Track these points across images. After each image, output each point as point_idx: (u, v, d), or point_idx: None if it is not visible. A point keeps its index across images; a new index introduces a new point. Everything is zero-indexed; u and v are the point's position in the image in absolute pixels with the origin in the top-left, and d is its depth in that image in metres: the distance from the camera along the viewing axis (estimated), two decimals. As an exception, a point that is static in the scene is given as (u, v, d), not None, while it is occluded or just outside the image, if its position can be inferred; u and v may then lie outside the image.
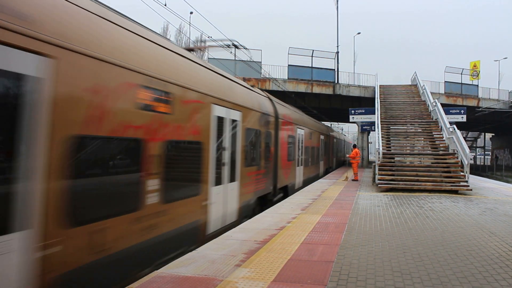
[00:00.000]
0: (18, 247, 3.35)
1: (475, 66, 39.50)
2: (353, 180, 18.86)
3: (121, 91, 4.65)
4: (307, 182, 18.26)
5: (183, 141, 6.39)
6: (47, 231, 3.59)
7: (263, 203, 11.31)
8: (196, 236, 6.78)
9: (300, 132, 16.73)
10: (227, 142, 8.24)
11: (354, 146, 21.81)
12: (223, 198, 8.03)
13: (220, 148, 7.85)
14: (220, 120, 7.85)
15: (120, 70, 4.62)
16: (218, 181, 7.75)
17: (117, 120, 4.57)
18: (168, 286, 4.36)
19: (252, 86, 12.46)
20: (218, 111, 7.74)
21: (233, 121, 8.55)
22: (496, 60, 50.97)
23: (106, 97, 4.41)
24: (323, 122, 36.74)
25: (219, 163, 7.77)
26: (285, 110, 14.70)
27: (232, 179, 8.56)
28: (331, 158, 30.56)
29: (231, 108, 8.40)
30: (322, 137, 24.36)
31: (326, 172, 26.54)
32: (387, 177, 15.42)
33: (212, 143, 7.38)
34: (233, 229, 7.48)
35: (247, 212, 9.62)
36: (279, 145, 12.96)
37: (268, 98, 12.74)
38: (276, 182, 12.64)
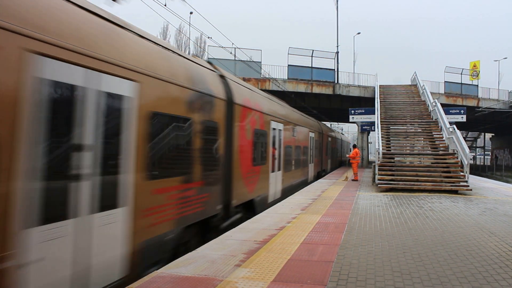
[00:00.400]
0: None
1: (475, 66, 39.52)
2: (353, 180, 18.87)
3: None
4: (289, 191, 14.84)
5: None
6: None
7: (204, 230, 7.73)
8: None
9: (276, 126, 13.15)
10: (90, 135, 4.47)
11: (354, 146, 21.83)
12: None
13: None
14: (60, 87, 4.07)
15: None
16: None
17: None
18: (168, 286, 4.36)
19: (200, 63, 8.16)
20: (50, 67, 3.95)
21: (110, 95, 4.80)
22: (496, 60, 51.01)
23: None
24: (323, 122, 36.66)
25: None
26: (250, 94, 10.71)
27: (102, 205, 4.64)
28: (324, 159, 26.91)
29: (94, 70, 4.52)
30: (312, 134, 20.89)
31: (318, 176, 23.35)
32: (387, 177, 15.42)
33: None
34: (233, 229, 7.48)
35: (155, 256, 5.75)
36: (236, 143, 9.14)
37: (216, 73, 8.79)
38: (229, 198, 8.80)
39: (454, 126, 17.82)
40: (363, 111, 28.56)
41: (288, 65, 32.89)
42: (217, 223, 8.12)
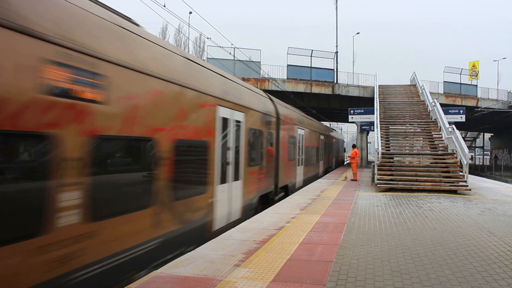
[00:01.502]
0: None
1: (474, 66, 39.57)
2: (352, 180, 18.86)
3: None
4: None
5: None
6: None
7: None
8: None
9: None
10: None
11: (354, 146, 21.82)
12: None
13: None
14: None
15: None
16: None
17: None
18: (167, 286, 4.35)
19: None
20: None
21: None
22: (495, 60, 51.16)
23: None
24: (322, 122, 36.64)
25: None
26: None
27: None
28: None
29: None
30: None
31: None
32: (386, 177, 15.42)
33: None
34: (232, 229, 7.48)
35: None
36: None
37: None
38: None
39: (453, 126, 17.84)
40: (363, 111, 28.56)
41: (288, 65, 32.89)
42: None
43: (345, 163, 44.71)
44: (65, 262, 3.90)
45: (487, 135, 63.52)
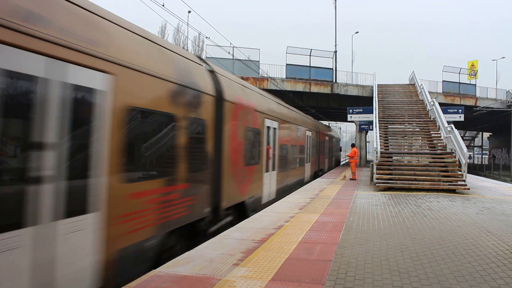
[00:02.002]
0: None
1: (473, 65, 39.58)
2: (351, 179, 18.87)
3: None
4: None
5: None
6: None
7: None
8: None
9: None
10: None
11: (353, 145, 21.83)
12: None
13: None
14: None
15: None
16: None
17: None
18: (166, 285, 4.35)
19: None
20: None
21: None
22: (493, 60, 51.21)
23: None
24: (322, 122, 36.54)
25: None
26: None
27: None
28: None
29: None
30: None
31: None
32: (385, 176, 15.43)
33: None
34: (231, 228, 7.48)
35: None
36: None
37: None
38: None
39: (452, 125, 17.86)
40: (361, 110, 28.58)
41: (286, 64, 32.88)
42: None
43: (341, 163, 43.41)
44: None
45: (486, 135, 63.60)
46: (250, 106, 10.34)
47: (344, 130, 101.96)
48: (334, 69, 34.04)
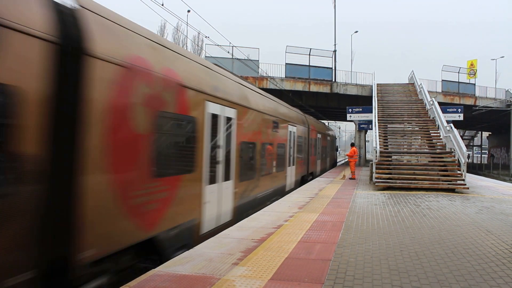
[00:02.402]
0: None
1: (472, 65, 39.58)
2: (350, 178, 18.89)
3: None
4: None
5: None
6: None
7: None
8: None
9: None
10: None
11: (352, 144, 21.84)
12: None
13: None
14: None
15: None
16: None
17: None
18: (165, 284, 4.35)
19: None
20: None
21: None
22: (493, 59, 51.23)
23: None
24: (321, 121, 36.41)
25: None
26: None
27: None
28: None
29: None
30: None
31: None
32: (384, 176, 15.44)
33: None
34: (230, 228, 7.47)
35: None
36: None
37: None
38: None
39: (451, 124, 17.89)
40: (361, 109, 28.59)
41: (286, 63, 32.87)
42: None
43: (339, 163, 42.48)
44: None
45: (485, 134, 63.67)
46: (171, 78, 6.39)
47: (344, 130, 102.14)
48: (333, 68, 34.05)
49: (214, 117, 8.08)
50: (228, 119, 8.89)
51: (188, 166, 7.04)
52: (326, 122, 53.52)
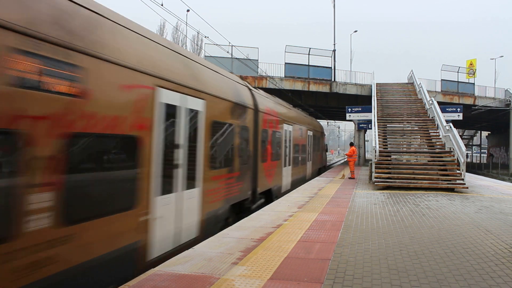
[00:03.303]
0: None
1: (471, 64, 39.60)
2: (349, 178, 18.89)
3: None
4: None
5: None
6: None
7: None
8: None
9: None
10: None
11: (351, 144, 21.84)
12: None
13: None
14: None
15: None
16: None
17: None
18: (165, 284, 4.35)
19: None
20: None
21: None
22: (492, 59, 51.20)
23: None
24: (317, 119, 36.26)
25: None
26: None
27: None
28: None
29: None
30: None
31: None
32: (383, 175, 15.45)
33: None
34: (230, 227, 7.47)
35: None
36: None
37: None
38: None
39: (451, 124, 17.91)
40: (360, 109, 28.58)
41: (285, 63, 32.85)
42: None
43: (334, 164, 41.51)
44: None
45: (485, 133, 63.70)
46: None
47: (343, 129, 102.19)
48: (333, 68, 34.03)
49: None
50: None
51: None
52: (325, 121, 53.36)
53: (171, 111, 6.26)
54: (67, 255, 4.14)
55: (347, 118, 29.66)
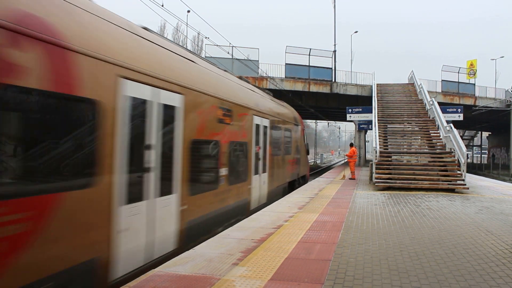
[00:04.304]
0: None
1: (472, 65, 39.58)
2: (350, 178, 18.89)
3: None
4: None
5: None
6: None
7: None
8: None
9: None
10: None
11: (351, 144, 21.84)
12: None
13: None
14: None
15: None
16: None
17: None
18: (165, 284, 4.35)
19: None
20: None
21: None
22: (492, 59, 51.18)
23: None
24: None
25: None
26: None
27: None
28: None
29: None
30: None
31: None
32: (384, 176, 15.44)
33: None
34: (230, 228, 7.47)
35: None
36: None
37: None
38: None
39: (451, 124, 17.89)
40: (361, 109, 28.54)
41: (286, 63, 32.83)
42: None
43: (332, 167, 40.59)
44: None
45: (485, 134, 63.68)
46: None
47: (344, 130, 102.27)
48: (333, 68, 34.00)
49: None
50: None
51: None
52: (326, 122, 53.23)
53: None
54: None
55: (348, 118, 29.64)
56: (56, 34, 4.10)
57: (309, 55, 33.37)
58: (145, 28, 6.64)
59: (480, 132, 63.36)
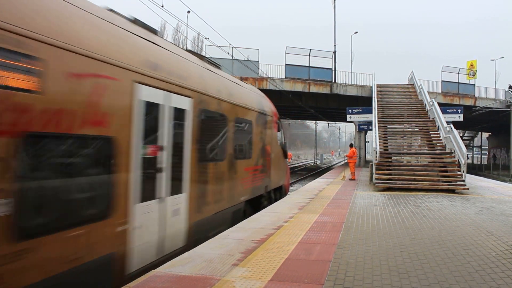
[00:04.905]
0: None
1: (472, 65, 39.58)
2: (350, 179, 18.88)
3: None
4: None
5: None
6: None
7: None
8: None
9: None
10: None
11: (351, 145, 21.84)
12: None
13: None
14: None
15: None
16: None
17: None
18: (165, 285, 4.34)
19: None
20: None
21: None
22: (492, 60, 51.18)
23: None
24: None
25: None
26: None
27: None
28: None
29: None
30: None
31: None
32: (384, 177, 15.44)
33: None
34: (230, 229, 7.47)
35: None
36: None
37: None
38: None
39: (451, 125, 17.90)
40: (361, 110, 28.54)
41: (286, 64, 32.84)
42: None
43: (335, 166, 41.06)
44: None
45: (485, 134, 63.67)
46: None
47: (344, 130, 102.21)
48: (333, 69, 34.01)
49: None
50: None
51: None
52: (325, 123, 53.12)
53: None
54: None
55: (348, 119, 29.66)
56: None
57: (309, 55, 33.38)
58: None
59: (480, 133, 63.37)
